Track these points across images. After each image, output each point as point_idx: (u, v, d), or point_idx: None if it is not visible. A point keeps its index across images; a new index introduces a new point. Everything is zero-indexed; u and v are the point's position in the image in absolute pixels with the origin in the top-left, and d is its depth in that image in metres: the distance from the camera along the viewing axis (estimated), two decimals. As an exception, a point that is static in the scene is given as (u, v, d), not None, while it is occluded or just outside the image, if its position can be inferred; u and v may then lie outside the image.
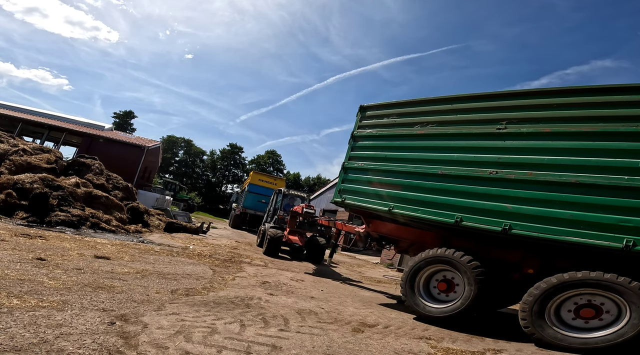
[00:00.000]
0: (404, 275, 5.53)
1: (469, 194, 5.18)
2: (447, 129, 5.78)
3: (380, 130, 6.68)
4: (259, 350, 3.00)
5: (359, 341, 3.71)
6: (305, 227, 10.79)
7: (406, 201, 5.82)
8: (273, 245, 10.70)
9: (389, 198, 6.05)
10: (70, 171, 12.06)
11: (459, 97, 5.88)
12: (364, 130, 6.93)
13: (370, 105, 7.06)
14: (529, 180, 4.71)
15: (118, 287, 4.19)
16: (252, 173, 24.98)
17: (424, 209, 5.57)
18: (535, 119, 4.93)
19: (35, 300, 3.19)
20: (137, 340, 2.76)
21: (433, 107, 6.14)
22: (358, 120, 7.07)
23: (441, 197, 5.45)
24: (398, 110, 6.58)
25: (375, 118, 6.87)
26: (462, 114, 5.71)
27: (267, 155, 68.13)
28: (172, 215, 17.43)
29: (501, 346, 4.27)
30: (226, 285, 5.57)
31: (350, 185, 6.79)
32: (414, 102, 6.48)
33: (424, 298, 5.32)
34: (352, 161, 6.89)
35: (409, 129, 6.25)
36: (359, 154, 6.87)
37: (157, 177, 41.20)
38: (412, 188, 5.81)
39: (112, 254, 6.22)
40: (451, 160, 5.53)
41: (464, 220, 5.12)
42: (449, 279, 5.24)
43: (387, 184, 6.17)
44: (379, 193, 6.21)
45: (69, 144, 27.78)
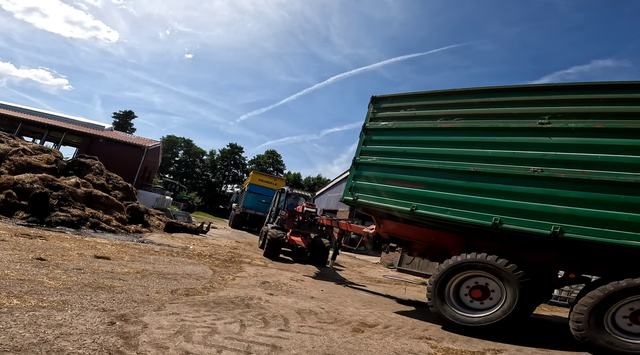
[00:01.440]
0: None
1: (509, 194, 4.75)
2: (478, 122, 5.31)
3: (398, 123, 6.15)
4: (259, 350, 3.00)
5: (359, 341, 3.71)
6: (305, 227, 10.30)
7: (432, 201, 5.35)
8: (273, 246, 10.14)
9: (410, 197, 5.57)
10: (70, 171, 12.07)
11: (492, 89, 5.44)
12: (377, 122, 6.41)
13: (385, 97, 6.53)
14: (581, 180, 4.32)
15: (118, 287, 4.19)
16: (252, 173, 24.99)
17: (454, 209, 5.11)
18: (585, 114, 4.55)
19: (35, 300, 3.19)
20: (137, 340, 2.76)
21: (460, 99, 5.67)
22: (370, 112, 6.55)
23: (475, 196, 5.01)
24: (418, 102, 6.09)
25: (390, 110, 6.36)
26: (495, 107, 5.26)
27: (267, 155, 68.13)
28: (172, 215, 17.43)
29: (501, 346, 4.27)
30: (226, 285, 5.57)
31: (362, 183, 6.28)
32: (436, 94, 5.99)
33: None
34: (365, 156, 6.37)
35: (432, 122, 5.76)
36: (372, 149, 6.35)
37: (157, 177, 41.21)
38: (439, 186, 5.35)
39: (112, 254, 6.22)
40: (485, 156, 5.08)
41: (504, 223, 4.67)
42: (483, 285, 4.85)
43: (408, 182, 5.68)
44: (399, 191, 5.72)
45: (69, 144, 27.78)
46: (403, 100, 6.33)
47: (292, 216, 10.10)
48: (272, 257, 10.12)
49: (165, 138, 62.95)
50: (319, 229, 9.99)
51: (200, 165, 66.90)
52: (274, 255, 10.19)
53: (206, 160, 67.08)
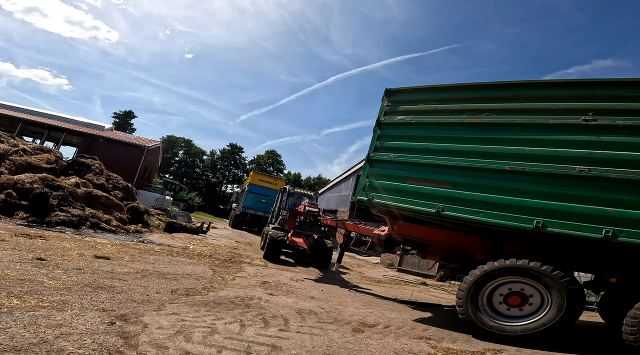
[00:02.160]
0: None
1: (552, 195, 4.42)
2: (512, 118, 4.97)
3: (418, 117, 5.79)
4: (259, 350, 3.00)
5: (359, 341, 3.71)
6: (307, 228, 9.66)
7: (460, 202, 4.99)
8: (273, 248, 9.64)
9: (435, 197, 5.21)
10: (70, 171, 12.07)
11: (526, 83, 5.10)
12: (393, 116, 6.03)
13: (401, 89, 6.15)
14: (633, 181, 4.05)
15: (118, 287, 4.19)
16: (252, 173, 24.99)
17: (487, 211, 4.75)
18: (633, 111, 4.28)
19: (35, 300, 3.19)
20: (137, 340, 2.76)
21: (489, 93, 5.33)
22: (384, 105, 6.16)
23: (512, 197, 4.65)
24: (439, 96, 5.74)
25: (407, 103, 6.00)
26: (531, 103, 4.92)
27: (267, 155, 68.14)
28: (172, 215, 17.43)
29: (501, 346, 4.27)
30: (226, 285, 5.57)
31: (379, 181, 5.86)
32: (460, 87, 5.65)
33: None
34: (380, 152, 5.96)
35: (457, 117, 5.40)
36: (389, 145, 5.95)
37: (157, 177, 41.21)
38: (468, 186, 5.00)
39: (112, 254, 6.22)
40: (521, 154, 4.74)
41: (548, 226, 4.33)
42: (519, 291, 4.58)
43: (432, 181, 5.32)
44: (422, 191, 5.36)
45: (69, 144, 27.79)
46: (422, 93, 5.96)
47: (293, 216, 9.48)
48: (272, 259, 9.69)
49: (165, 138, 62.97)
50: (322, 230, 9.47)
51: (200, 165, 66.91)
52: (275, 257, 9.75)
53: (206, 160, 67.09)
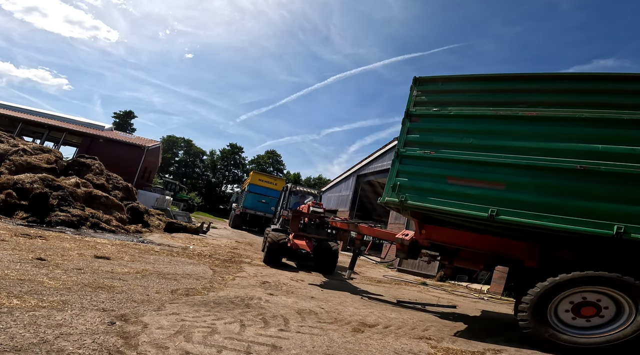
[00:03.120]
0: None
1: (634, 198, 4.02)
2: (579, 112, 4.48)
3: (457, 109, 5.27)
4: (259, 350, 3.00)
5: (359, 341, 3.71)
6: (312, 230, 8.72)
7: (519, 205, 4.50)
8: (274, 251, 8.82)
9: (486, 200, 4.70)
10: (70, 171, 12.06)
11: (594, 76, 4.65)
12: (426, 107, 5.53)
13: (433, 78, 5.69)
14: None
15: (118, 287, 4.19)
16: (252, 173, 24.99)
17: (556, 216, 4.27)
18: None
19: (35, 300, 3.19)
20: (137, 340, 2.76)
21: (548, 85, 4.86)
22: (413, 95, 5.65)
23: (587, 201, 4.21)
24: (483, 86, 5.28)
25: (442, 94, 5.55)
26: (602, 97, 4.49)
27: (267, 155, 68.14)
28: (172, 215, 17.43)
29: (501, 346, 4.28)
30: (226, 285, 5.57)
31: (411, 181, 5.32)
32: (509, 78, 5.16)
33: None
34: (413, 148, 5.44)
35: (509, 110, 4.89)
36: (422, 139, 5.44)
37: (157, 177, 41.22)
38: (530, 188, 4.51)
39: (112, 254, 6.22)
40: (594, 152, 4.28)
41: (632, 232, 3.94)
42: (593, 301, 4.24)
43: (480, 181, 4.82)
44: (469, 193, 4.84)
45: (69, 144, 27.81)
46: (460, 83, 5.50)
47: (296, 217, 8.56)
48: (273, 263, 8.93)
49: (165, 138, 63.00)
50: (329, 233, 8.63)
51: (200, 165, 66.92)
52: (276, 260, 8.99)
53: (206, 160, 67.11)
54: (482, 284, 11.92)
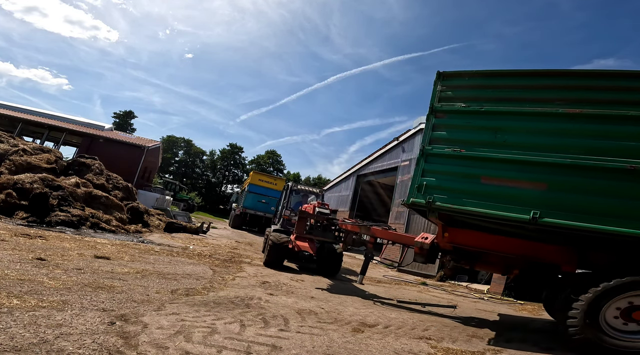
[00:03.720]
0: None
1: None
2: (625, 110, 4.28)
3: (488, 105, 5.05)
4: (259, 350, 3.00)
5: (359, 341, 3.71)
6: (318, 233, 8.15)
7: (565, 206, 4.25)
8: (276, 253, 8.29)
9: (526, 201, 4.46)
10: (70, 171, 12.07)
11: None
12: (452, 103, 5.29)
13: (458, 73, 5.45)
14: None
15: (118, 287, 4.19)
16: (252, 173, 25.00)
17: (605, 218, 4.07)
18: None
19: (35, 300, 3.19)
20: (137, 340, 2.76)
21: (589, 82, 4.67)
22: (437, 90, 5.42)
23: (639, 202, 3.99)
24: (514, 83, 5.05)
25: (469, 89, 5.32)
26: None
27: (267, 155, 68.18)
28: (172, 215, 17.44)
29: (501, 346, 4.28)
30: (226, 285, 5.57)
31: (439, 181, 5.04)
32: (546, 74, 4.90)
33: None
34: (440, 145, 5.18)
35: (546, 107, 4.68)
36: (450, 136, 5.17)
37: (157, 177, 41.22)
38: (577, 189, 4.28)
39: (112, 254, 6.22)
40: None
41: None
42: None
43: (520, 181, 4.57)
44: (507, 193, 4.59)
45: (69, 144, 27.80)
46: (490, 78, 5.26)
47: (302, 218, 7.91)
48: (274, 266, 8.41)
49: (165, 138, 63.04)
50: (336, 236, 8.00)
51: (200, 166, 66.95)
52: (277, 263, 8.49)
53: (206, 160, 67.13)
54: (482, 284, 11.92)
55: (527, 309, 8.38)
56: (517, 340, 4.71)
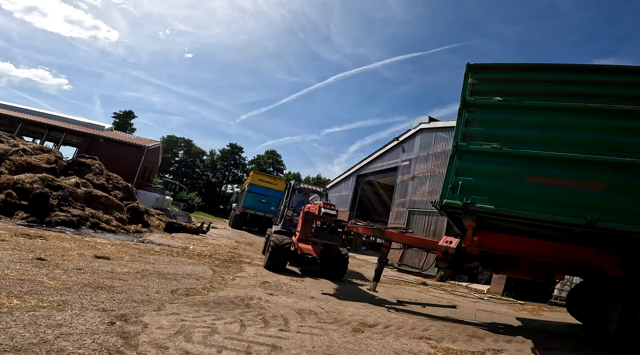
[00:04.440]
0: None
1: None
2: None
3: (530, 100, 4.75)
4: (259, 350, 3.00)
5: (359, 341, 3.71)
6: (325, 236, 7.56)
7: (626, 208, 3.98)
8: (278, 256, 7.86)
9: (579, 202, 4.16)
10: (70, 171, 12.07)
11: None
12: (487, 97, 4.97)
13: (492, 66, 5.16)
14: None
15: (118, 287, 4.19)
16: (252, 173, 25.00)
17: None
18: None
19: (35, 300, 3.19)
20: (137, 340, 2.76)
21: None
22: (469, 83, 5.11)
23: None
24: (560, 77, 4.75)
25: (505, 83, 5.03)
26: None
27: (267, 155, 68.18)
28: (172, 215, 17.44)
29: (501, 346, 4.28)
30: (226, 285, 5.57)
31: (478, 180, 4.66)
32: (596, 69, 4.64)
33: None
34: (475, 141, 4.82)
35: (599, 103, 4.39)
36: (486, 132, 4.84)
37: (157, 177, 41.21)
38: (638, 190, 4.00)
39: (112, 254, 6.22)
40: None
41: None
42: None
43: (573, 181, 4.24)
44: (557, 194, 4.26)
45: (69, 144, 27.78)
46: (528, 72, 4.99)
47: (309, 220, 7.32)
48: (276, 269, 7.95)
49: (165, 138, 63.05)
50: (345, 239, 7.49)
51: (200, 166, 66.95)
52: (279, 266, 8.03)
53: (206, 160, 67.12)
54: (482, 284, 11.92)
55: (527, 309, 8.38)
56: (518, 340, 4.71)
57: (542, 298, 9.92)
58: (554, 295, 9.72)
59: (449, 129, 15.69)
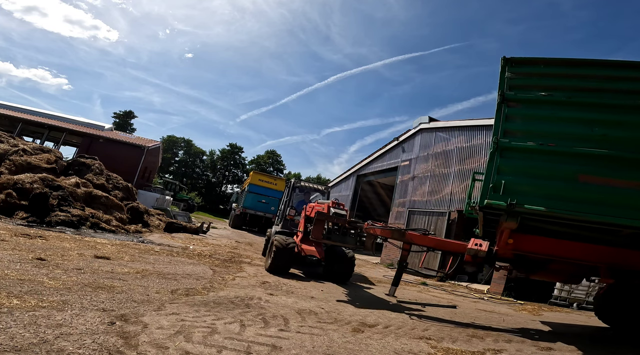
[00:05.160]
0: None
1: None
2: None
3: (576, 96, 4.54)
4: (259, 350, 3.00)
5: (359, 341, 3.71)
6: (337, 238, 6.93)
7: None
8: (282, 258, 7.41)
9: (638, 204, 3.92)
10: (70, 171, 12.07)
11: None
12: (528, 91, 4.75)
13: (531, 60, 4.95)
14: None
15: (118, 287, 4.19)
16: (252, 173, 25.01)
17: None
18: None
19: (35, 300, 3.19)
20: (137, 340, 2.76)
21: None
22: (506, 77, 4.88)
23: None
24: (606, 73, 4.55)
25: (547, 78, 4.82)
26: None
27: (267, 155, 68.19)
28: (172, 215, 17.44)
29: (501, 346, 4.28)
30: (226, 285, 5.57)
31: (523, 179, 4.38)
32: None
33: None
34: (518, 138, 4.55)
35: None
36: (530, 128, 4.58)
37: (157, 177, 41.22)
38: None
39: (112, 254, 6.22)
40: None
41: None
42: None
43: (629, 181, 4.02)
44: (615, 194, 4.04)
45: (69, 144, 27.82)
46: (572, 68, 4.76)
47: (320, 221, 6.72)
48: (279, 273, 7.48)
49: (165, 138, 63.06)
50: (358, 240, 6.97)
51: (200, 166, 66.96)
52: (283, 270, 7.60)
53: (206, 160, 67.13)
54: (482, 284, 11.92)
55: (527, 309, 8.38)
56: (518, 340, 4.71)
57: (542, 298, 9.92)
58: (553, 295, 9.73)
59: (449, 129, 15.71)
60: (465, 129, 14.71)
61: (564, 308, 9.15)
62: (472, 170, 13.80)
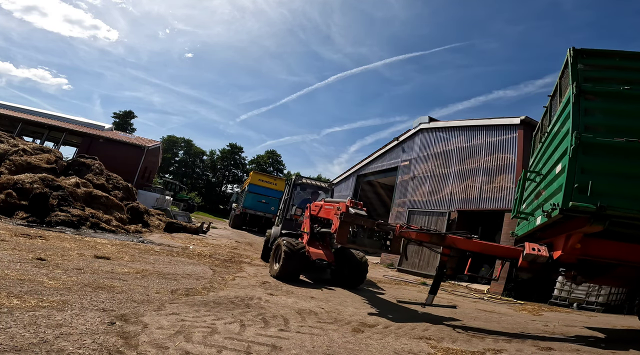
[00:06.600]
0: None
1: None
2: None
3: None
4: (259, 350, 3.00)
5: (359, 341, 3.71)
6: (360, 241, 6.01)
7: None
8: (292, 264, 6.79)
9: None
10: (70, 171, 12.07)
11: None
12: (608, 84, 4.42)
13: (606, 52, 4.68)
14: None
15: (118, 287, 4.19)
16: (252, 173, 25.02)
17: None
18: None
19: (35, 300, 3.19)
20: (137, 340, 2.76)
21: None
22: (577, 70, 4.55)
23: None
24: None
25: (626, 71, 4.52)
26: None
27: (267, 155, 68.20)
28: (172, 215, 17.44)
29: (501, 346, 4.27)
30: (226, 285, 5.57)
31: (614, 180, 4.00)
32: None
33: None
34: (602, 134, 4.15)
35: None
36: (612, 124, 4.23)
37: (157, 177, 41.22)
38: None
39: (112, 254, 6.22)
40: None
41: None
42: None
43: None
44: None
45: (69, 144, 27.81)
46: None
47: (346, 223, 5.77)
48: (290, 280, 6.83)
49: (165, 138, 63.05)
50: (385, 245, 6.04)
51: (200, 166, 66.95)
52: (294, 276, 6.97)
53: (206, 160, 67.14)
54: (482, 284, 11.92)
55: (527, 309, 8.38)
56: (518, 340, 4.71)
57: (542, 298, 9.92)
58: (553, 295, 9.72)
59: (449, 129, 15.71)
60: (465, 129, 14.72)
61: (564, 308, 9.15)
62: (472, 170, 13.83)
